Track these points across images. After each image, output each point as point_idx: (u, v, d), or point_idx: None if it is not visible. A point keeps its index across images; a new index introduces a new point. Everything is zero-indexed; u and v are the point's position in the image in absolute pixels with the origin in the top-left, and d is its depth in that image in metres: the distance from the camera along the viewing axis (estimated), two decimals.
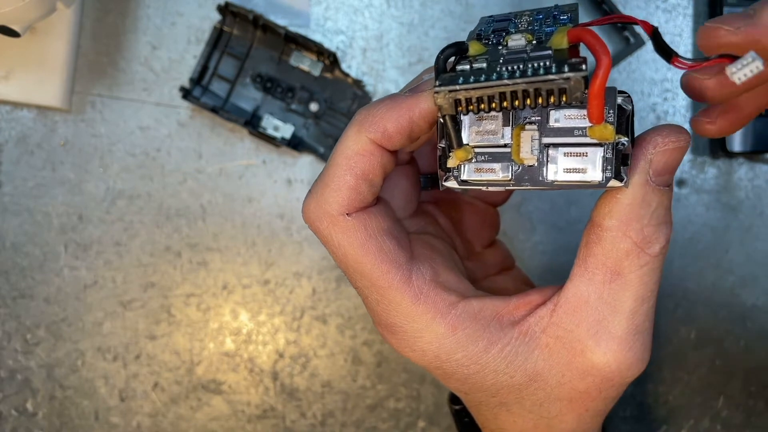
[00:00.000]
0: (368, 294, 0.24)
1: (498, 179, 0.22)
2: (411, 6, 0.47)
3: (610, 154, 0.21)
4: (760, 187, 0.47)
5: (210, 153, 0.46)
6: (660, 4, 0.47)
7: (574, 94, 0.19)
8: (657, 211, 0.22)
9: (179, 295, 0.46)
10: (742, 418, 0.47)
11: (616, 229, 0.22)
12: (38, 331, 0.46)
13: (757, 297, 0.47)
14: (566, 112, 0.21)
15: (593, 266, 0.23)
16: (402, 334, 0.24)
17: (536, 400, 0.24)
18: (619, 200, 0.22)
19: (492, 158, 0.22)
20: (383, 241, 0.23)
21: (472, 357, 0.24)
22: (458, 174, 0.22)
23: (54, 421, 0.46)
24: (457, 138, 0.22)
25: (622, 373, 0.23)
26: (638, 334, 0.23)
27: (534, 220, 0.47)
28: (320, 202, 0.23)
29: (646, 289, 0.23)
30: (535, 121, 0.21)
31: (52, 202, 0.46)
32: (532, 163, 0.21)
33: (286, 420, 0.46)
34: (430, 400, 0.46)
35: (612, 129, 0.20)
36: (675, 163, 0.22)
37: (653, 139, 0.21)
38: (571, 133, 0.21)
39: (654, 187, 0.22)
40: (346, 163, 0.22)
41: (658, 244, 0.22)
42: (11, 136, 0.46)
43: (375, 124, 0.22)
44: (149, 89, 0.46)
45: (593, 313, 0.23)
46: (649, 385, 0.47)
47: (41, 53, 0.44)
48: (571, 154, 0.21)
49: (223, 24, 0.45)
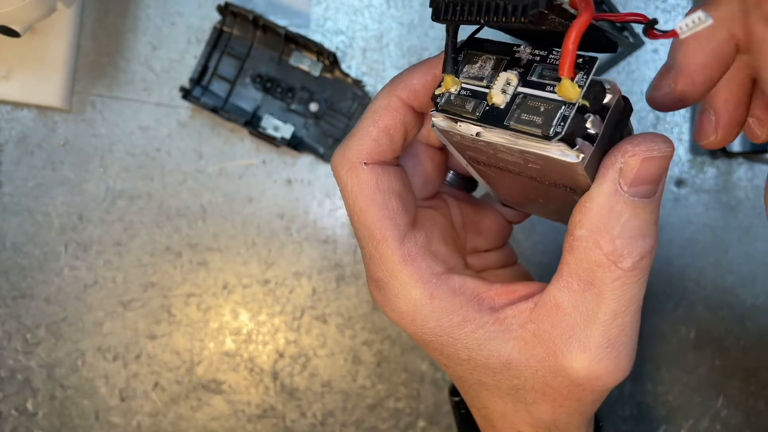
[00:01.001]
0: (365, 245, 0.25)
1: (468, 113, 0.22)
2: (411, 6, 0.47)
3: (569, 113, 0.20)
4: (760, 187, 0.47)
5: (210, 153, 0.46)
6: (659, 5, 0.47)
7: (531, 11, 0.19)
8: (629, 223, 0.21)
9: (179, 295, 0.46)
10: (742, 418, 0.47)
11: (587, 239, 0.21)
12: (38, 331, 0.46)
13: (757, 297, 0.47)
14: (547, 70, 0.21)
15: (567, 274, 0.23)
16: (386, 291, 0.25)
17: (512, 385, 0.25)
18: (588, 209, 0.21)
19: (472, 95, 0.23)
20: (389, 198, 0.25)
21: (445, 329, 0.24)
22: (440, 101, 0.23)
23: (54, 420, 0.46)
24: (452, 63, 0.23)
25: (591, 382, 0.23)
26: (611, 347, 0.23)
27: (534, 219, 0.47)
28: (345, 149, 0.25)
29: (619, 304, 0.22)
30: (518, 71, 0.22)
31: (52, 202, 0.46)
32: (500, 103, 0.22)
33: (286, 420, 0.46)
34: (430, 399, 0.46)
35: (578, 90, 0.20)
36: (651, 175, 0.21)
37: (623, 147, 0.21)
38: (543, 88, 0.21)
39: (626, 198, 0.21)
40: (372, 116, 0.25)
41: (630, 259, 0.21)
42: (11, 136, 0.46)
43: (403, 81, 0.25)
44: (149, 89, 0.46)
45: (568, 319, 0.23)
46: (648, 384, 0.47)
47: (41, 53, 0.44)
48: (534, 103, 0.21)
49: (223, 24, 0.45)
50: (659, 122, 0.47)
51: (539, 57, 0.22)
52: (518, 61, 0.22)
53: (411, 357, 0.46)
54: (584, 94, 0.20)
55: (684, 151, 0.47)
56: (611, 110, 0.21)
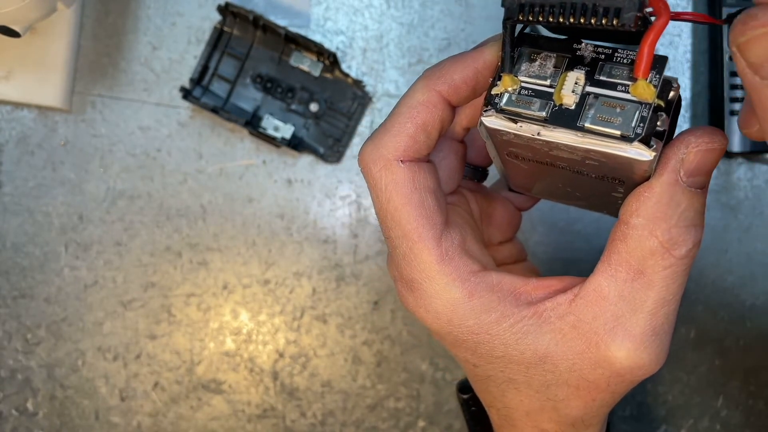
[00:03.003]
0: (398, 245, 0.25)
1: (534, 113, 0.22)
2: (411, 6, 0.47)
3: (647, 114, 0.21)
4: (760, 187, 0.47)
5: (210, 153, 0.46)
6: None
7: (627, 14, 0.19)
8: (686, 213, 0.22)
9: (179, 295, 0.46)
10: (742, 418, 0.47)
11: (643, 227, 0.22)
12: (39, 331, 0.46)
13: (757, 297, 0.47)
14: (616, 69, 0.21)
15: (616, 263, 0.23)
16: (420, 293, 0.25)
17: (544, 381, 0.25)
18: (647, 198, 0.22)
19: (535, 94, 0.22)
20: (426, 197, 0.24)
21: (483, 326, 0.24)
22: (498, 102, 0.22)
23: (54, 420, 0.46)
24: (510, 61, 0.22)
25: (633, 372, 0.24)
26: (655, 336, 0.23)
27: (534, 220, 0.47)
28: (378, 145, 0.24)
29: (668, 291, 0.23)
30: (585, 70, 0.22)
31: (53, 202, 0.46)
32: (570, 104, 0.21)
33: (286, 420, 0.46)
34: (430, 399, 0.46)
35: (654, 90, 0.20)
36: (708, 165, 0.22)
37: (686, 139, 0.22)
38: (615, 88, 0.21)
39: (684, 187, 0.22)
40: (409, 111, 0.24)
41: (684, 247, 0.22)
42: (12, 136, 0.46)
43: (443, 76, 0.23)
44: (149, 89, 0.46)
45: (612, 309, 0.23)
46: (648, 384, 0.47)
47: (42, 53, 0.44)
48: (609, 104, 0.21)
49: (223, 24, 0.45)
50: None
51: (604, 55, 0.22)
52: (581, 59, 0.22)
53: (411, 357, 0.46)
54: (658, 94, 0.21)
55: None
56: (674, 106, 0.22)
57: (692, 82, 0.47)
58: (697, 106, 0.47)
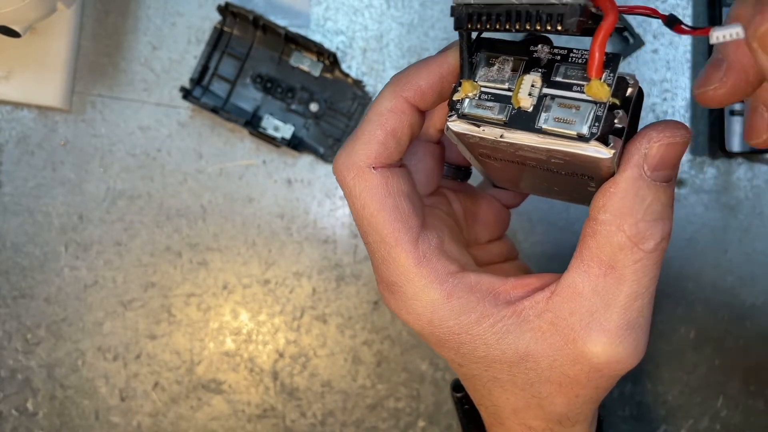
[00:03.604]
0: (376, 249, 0.25)
1: (494, 117, 0.22)
2: (411, 6, 0.47)
3: (602, 113, 0.21)
4: (759, 187, 0.47)
5: (210, 153, 0.46)
6: (660, 5, 0.47)
7: (569, 20, 0.19)
8: (652, 206, 0.22)
9: (179, 295, 0.46)
10: (742, 418, 0.47)
11: (610, 222, 0.22)
12: (39, 330, 0.46)
13: (757, 297, 0.47)
14: (571, 69, 0.22)
15: (588, 259, 0.23)
16: (401, 295, 0.25)
17: (527, 379, 0.25)
18: (612, 194, 0.22)
19: (494, 98, 0.23)
20: (400, 201, 0.24)
21: (463, 326, 0.24)
22: (460, 107, 0.23)
23: (54, 420, 0.46)
24: (469, 68, 0.23)
25: (611, 366, 0.24)
26: (630, 329, 0.23)
27: (533, 219, 0.47)
28: (350, 153, 0.24)
29: (640, 285, 0.23)
30: (541, 72, 0.22)
31: (53, 202, 0.46)
32: (527, 106, 0.22)
33: (286, 420, 0.46)
34: (430, 399, 0.46)
35: (608, 89, 0.21)
36: (671, 159, 0.22)
37: (648, 134, 0.22)
38: (570, 88, 0.22)
39: (649, 182, 0.22)
40: (378, 119, 0.24)
41: (652, 240, 0.22)
42: (12, 136, 0.46)
43: (409, 83, 0.24)
44: (149, 89, 0.46)
45: (587, 304, 0.23)
46: (648, 384, 0.47)
47: (42, 53, 0.44)
48: (564, 105, 0.21)
49: (223, 24, 0.45)
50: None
51: (560, 56, 0.22)
52: (537, 62, 0.22)
53: (411, 357, 0.46)
54: (613, 92, 0.21)
55: None
56: (633, 102, 0.22)
57: (692, 82, 0.47)
58: (697, 106, 0.47)
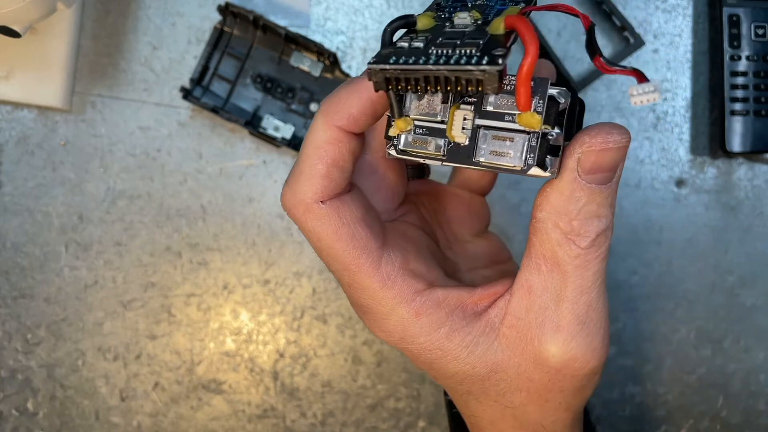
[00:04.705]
0: (341, 277, 0.25)
1: (431, 153, 0.22)
2: (411, 6, 0.47)
3: (535, 143, 0.21)
4: (760, 187, 0.47)
5: (210, 153, 0.46)
6: (660, 5, 0.47)
7: (489, 86, 0.19)
8: (587, 206, 0.22)
9: (179, 295, 0.46)
10: (742, 418, 0.47)
11: (547, 220, 0.23)
12: (39, 331, 0.46)
13: (757, 297, 0.47)
14: (501, 98, 0.22)
15: (535, 256, 0.24)
16: (372, 315, 0.25)
17: (499, 390, 0.25)
18: (548, 194, 0.22)
19: (429, 132, 0.22)
20: (355, 228, 0.24)
21: (434, 342, 0.24)
22: (397, 143, 0.23)
23: (54, 420, 0.46)
24: (398, 108, 0.22)
25: (568, 365, 0.24)
26: (581, 325, 0.23)
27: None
28: (295, 191, 0.24)
29: (584, 280, 0.23)
30: (472, 102, 0.22)
31: (53, 202, 0.46)
32: (463, 141, 0.22)
33: (287, 420, 0.46)
34: (430, 400, 0.46)
35: (539, 118, 0.21)
36: (606, 163, 0.22)
37: (581, 138, 0.22)
38: (502, 118, 0.21)
39: (584, 184, 0.22)
40: (316, 153, 0.23)
41: (587, 237, 0.22)
42: (12, 136, 0.46)
43: (340, 111, 0.23)
44: (150, 89, 0.46)
45: (539, 301, 0.24)
46: (648, 384, 0.47)
47: (42, 53, 0.44)
48: (498, 137, 0.22)
49: (223, 24, 0.45)
50: (659, 122, 0.47)
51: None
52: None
53: None
54: (545, 118, 0.21)
55: (684, 151, 0.47)
56: (566, 115, 0.22)
57: (692, 82, 0.47)
58: (698, 106, 0.47)
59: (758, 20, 0.45)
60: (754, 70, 0.45)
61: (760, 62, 0.44)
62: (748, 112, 0.45)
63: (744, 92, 0.45)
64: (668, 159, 0.47)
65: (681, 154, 0.47)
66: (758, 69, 0.44)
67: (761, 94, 0.45)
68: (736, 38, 0.45)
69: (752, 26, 0.45)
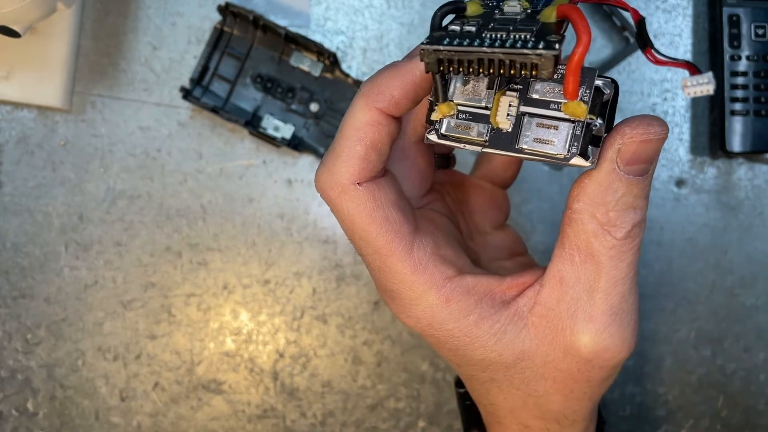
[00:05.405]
0: (371, 261, 0.25)
1: (473, 138, 0.22)
2: (411, 6, 0.47)
3: (579, 132, 0.21)
4: (760, 187, 0.47)
5: (210, 153, 0.46)
6: (660, 5, 0.47)
7: (545, 70, 0.19)
8: (624, 198, 0.22)
9: (179, 295, 0.46)
10: (742, 418, 0.47)
11: (584, 211, 0.23)
12: (39, 331, 0.46)
13: (757, 297, 0.47)
14: (547, 86, 0.22)
15: (569, 247, 0.24)
16: (400, 300, 0.25)
17: (524, 378, 0.25)
18: (586, 185, 0.23)
19: (472, 117, 0.23)
20: (389, 212, 0.24)
21: (462, 329, 0.25)
22: (439, 127, 0.23)
23: (54, 420, 0.46)
24: (443, 93, 0.23)
25: (600, 355, 0.24)
26: (614, 316, 0.24)
27: (534, 219, 0.47)
28: (332, 172, 0.24)
29: (618, 271, 0.23)
30: (517, 89, 0.22)
31: (53, 202, 0.46)
32: (506, 127, 0.22)
33: (287, 420, 0.46)
34: (430, 400, 0.46)
35: (585, 107, 0.21)
36: (645, 155, 0.22)
37: (622, 129, 0.22)
38: (548, 106, 0.22)
39: (621, 175, 0.22)
40: (356, 134, 0.23)
41: (623, 228, 0.23)
42: (12, 136, 0.46)
43: (382, 93, 0.23)
44: (150, 89, 0.46)
45: (571, 292, 0.24)
46: (648, 384, 0.47)
47: (42, 53, 0.44)
48: (543, 125, 0.22)
49: (223, 24, 0.45)
50: None
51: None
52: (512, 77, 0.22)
53: (411, 357, 0.46)
54: (590, 108, 0.21)
55: (684, 151, 0.47)
56: (609, 105, 0.22)
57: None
58: (697, 106, 0.47)
59: (758, 20, 0.45)
60: (754, 70, 0.45)
61: (760, 62, 0.45)
62: (748, 112, 0.45)
63: (744, 92, 0.45)
64: (668, 159, 0.47)
65: (681, 154, 0.47)
66: (758, 69, 0.45)
67: (761, 94, 0.45)
68: (736, 38, 0.45)
69: (752, 26, 0.45)
